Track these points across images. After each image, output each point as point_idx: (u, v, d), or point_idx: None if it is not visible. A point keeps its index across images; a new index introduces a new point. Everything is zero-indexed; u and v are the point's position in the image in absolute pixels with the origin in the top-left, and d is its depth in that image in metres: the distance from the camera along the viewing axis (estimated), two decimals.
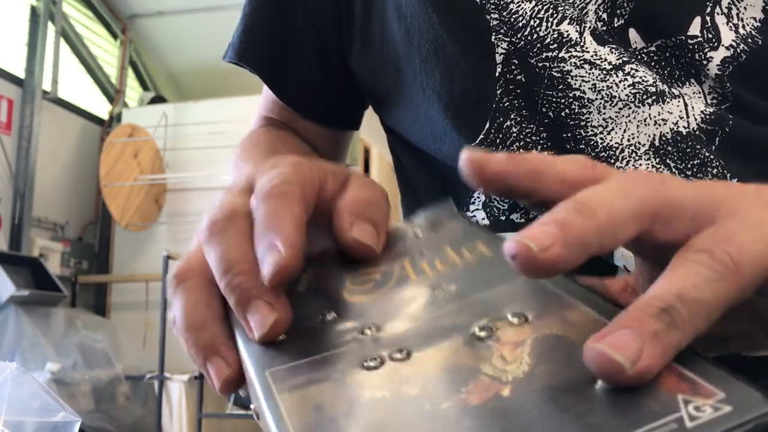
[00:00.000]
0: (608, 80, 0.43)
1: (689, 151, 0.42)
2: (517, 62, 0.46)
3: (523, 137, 0.46)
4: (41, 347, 2.99)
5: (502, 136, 0.46)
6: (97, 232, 4.57)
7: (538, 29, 0.45)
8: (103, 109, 4.76)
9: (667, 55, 0.44)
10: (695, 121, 0.42)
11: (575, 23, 0.45)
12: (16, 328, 3.02)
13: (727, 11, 0.43)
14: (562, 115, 0.44)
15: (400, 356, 0.24)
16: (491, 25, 0.46)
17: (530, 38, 0.45)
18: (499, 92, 0.46)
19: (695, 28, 0.43)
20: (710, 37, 0.43)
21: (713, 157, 0.41)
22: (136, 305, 4.16)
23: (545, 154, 0.25)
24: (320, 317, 0.28)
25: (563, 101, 0.44)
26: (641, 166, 0.42)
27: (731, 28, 0.43)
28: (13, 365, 0.35)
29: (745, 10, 0.43)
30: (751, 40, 0.43)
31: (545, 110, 0.45)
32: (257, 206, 0.29)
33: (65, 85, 4.36)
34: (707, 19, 0.43)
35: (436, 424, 0.20)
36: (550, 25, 0.45)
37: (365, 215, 0.31)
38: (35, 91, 4.05)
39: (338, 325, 0.27)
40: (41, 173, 4.07)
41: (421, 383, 0.22)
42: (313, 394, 0.23)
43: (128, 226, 4.14)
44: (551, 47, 0.44)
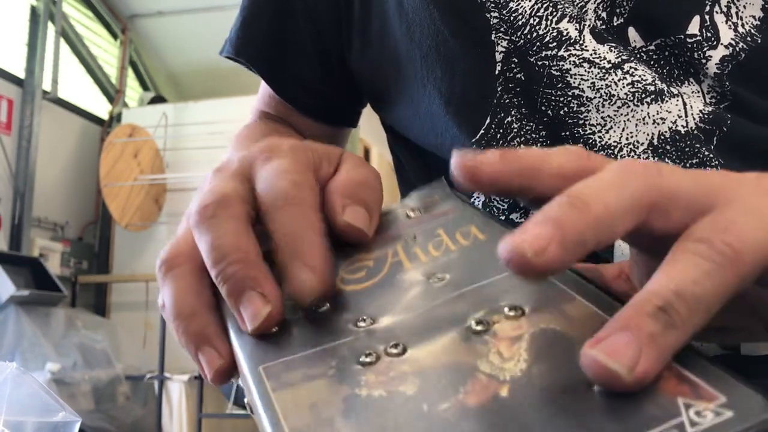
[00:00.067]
0: (607, 79, 0.43)
1: (688, 150, 0.42)
2: (516, 60, 0.46)
3: (523, 133, 0.46)
4: (41, 347, 2.99)
5: (502, 131, 0.46)
6: (97, 232, 4.57)
7: (537, 27, 0.45)
8: (103, 109, 4.75)
9: (666, 54, 0.44)
10: (694, 120, 0.42)
11: (575, 21, 0.45)
12: (16, 328, 3.02)
13: (726, 10, 0.43)
14: (560, 113, 0.44)
15: (395, 351, 0.24)
16: (491, 23, 0.46)
17: (530, 36, 0.45)
18: (499, 90, 0.46)
19: (694, 26, 0.43)
20: (709, 36, 0.43)
21: (712, 156, 0.41)
22: (136, 305, 4.15)
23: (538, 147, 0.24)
24: (313, 308, 0.27)
25: (562, 99, 0.44)
26: None
27: (730, 26, 0.43)
28: (13, 365, 0.35)
29: (744, 8, 0.43)
30: (750, 38, 0.43)
31: (544, 108, 0.45)
32: (269, 212, 0.28)
33: (65, 85, 4.36)
34: (706, 17, 0.43)
35: (434, 427, 0.20)
36: (549, 23, 0.45)
37: (358, 197, 0.30)
38: (35, 91, 4.04)
39: (332, 316, 0.27)
40: (41, 173, 4.06)
41: (418, 382, 0.22)
42: (308, 392, 0.23)
43: (128, 226, 4.13)
44: (550, 46, 0.44)
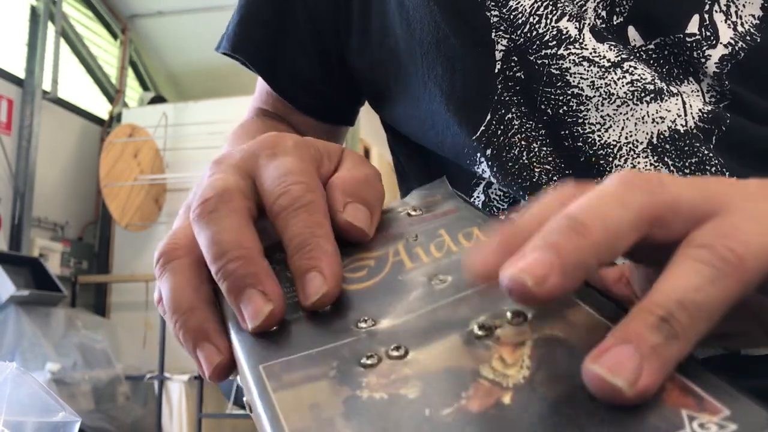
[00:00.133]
0: (606, 78, 0.43)
1: (687, 149, 0.42)
2: (516, 59, 0.46)
3: (524, 131, 0.46)
4: (41, 347, 2.99)
5: (503, 128, 0.46)
6: (97, 232, 4.57)
7: (537, 26, 0.45)
8: (103, 109, 4.75)
9: (665, 52, 0.44)
10: (693, 119, 0.42)
11: (574, 20, 0.45)
12: (16, 328, 3.02)
13: (725, 9, 0.43)
14: (560, 112, 0.44)
15: (397, 354, 0.23)
16: (491, 21, 0.46)
17: (529, 35, 0.45)
18: (499, 88, 0.46)
19: (694, 26, 0.43)
20: (709, 35, 0.43)
21: (711, 155, 0.41)
22: (136, 305, 4.15)
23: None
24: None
25: (561, 98, 0.44)
26: (639, 164, 0.42)
27: (730, 25, 0.43)
28: (13, 365, 0.35)
29: (743, 7, 0.43)
30: (749, 37, 0.43)
31: (544, 107, 0.45)
32: (280, 215, 0.28)
33: (65, 85, 4.36)
34: (706, 16, 0.43)
35: None
36: (549, 22, 0.45)
37: (359, 195, 0.30)
38: (35, 91, 4.04)
39: (333, 316, 0.27)
40: (41, 173, 4.06)
41: (419, 385, 0.22)
42: (309, 393, 0.23)
43: (128, 226, 4.13)
44: (550, 44, 0.44)
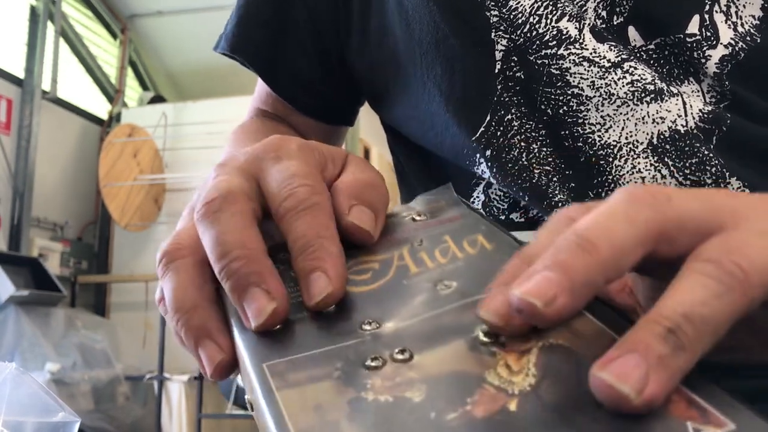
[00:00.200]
0: (607, 78, 0.43)
1: (687, 149, 0.41)
2: (516, 59, 0.45)
3: (523, 131, 0.45)
4: (41, 347, 2.99)
5: (502, 129, 0.46)
6: (96, 232, 4.57)
7: (537, 26, 0.45)
8: (102, 108, 4.75)
9: (666, 53, 0.44)
10: (693, 119, 0.42)
11: (574, 20, 0.44)
12: (15, 328, 3.02)
13: (725, 9, 0.43)
14: (560, 112, 0.44)
15: (402, 357, 0.23)
16: (491, 21, 0.46)
17: (530, 35, 0.45)
18: (499, 88, 0.46)
19: (694, 26, 0.43)
20: (709, 35, 0.43)
21: (712, 155, 0.41)
22: (135, 305, 4.15)
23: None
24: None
25: (561, 98, 0.44)
26: (640, 164, 0.42)
27: (730, 26, 0.43)
28: (12, 365, 0.35)
29: (744, 8, 0.43)
30: (749, 38, 0.43)
31: (544, 107, 0.45)
32: (286, 217, 0.28)
33: (65, 84, 4.35)
34: (706, 17, 0.43)
35: None
36: (549, 22, 0.45)
37: (364, 198, 0.30)
38: (34, 90, 4.04)
39: (337, 317, 0.27)
40: (41, 173, 4.06)
41: (424, 389, 0.22)
42: (313, 393, 0.22)
43: (128, 226, 4.13)
44: (550, 44, 0.44)
